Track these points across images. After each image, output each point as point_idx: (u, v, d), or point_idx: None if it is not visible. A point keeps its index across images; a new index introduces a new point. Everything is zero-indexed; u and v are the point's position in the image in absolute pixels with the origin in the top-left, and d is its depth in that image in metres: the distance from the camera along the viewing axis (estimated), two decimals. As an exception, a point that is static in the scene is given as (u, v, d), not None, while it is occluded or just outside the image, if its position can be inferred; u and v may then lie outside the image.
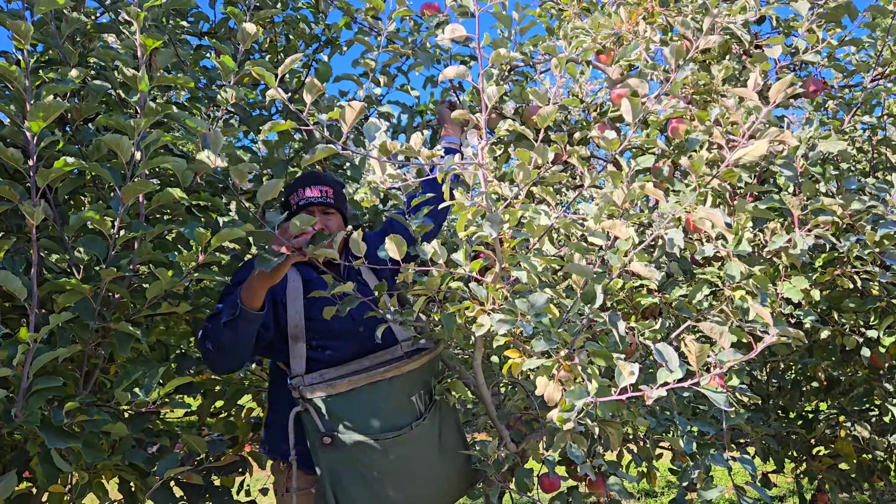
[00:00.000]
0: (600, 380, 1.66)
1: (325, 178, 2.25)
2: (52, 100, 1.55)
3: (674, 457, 2.60)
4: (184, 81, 1.86)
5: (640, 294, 2.33)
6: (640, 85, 1.94)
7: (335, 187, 2.23)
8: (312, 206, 2.17)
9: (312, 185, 2.19)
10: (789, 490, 5.26)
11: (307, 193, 2.18)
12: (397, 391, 2.01)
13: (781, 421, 3.25)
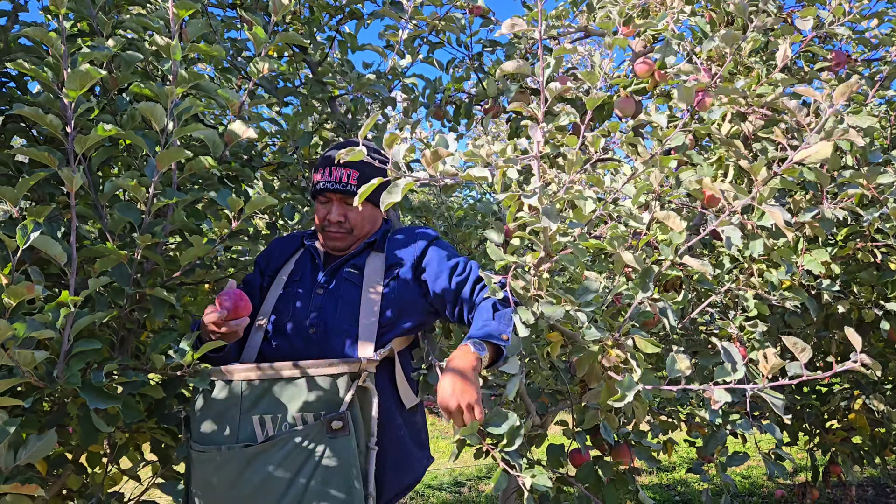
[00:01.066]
0: (645, 365, 1.68)
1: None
2: (90, 67, 1.57)
3: (689, 429, 2.64)
4: (215, 52, 1.88)
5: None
6: (668, 52, 1.94)
7: (363, 168, 1.83)
8: (328, 192, 1.84)
9: (331, 165, 1.83)
10: (802, 465, 5.31)
11: (321, 177, 1.84)
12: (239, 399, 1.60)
13: (795, 394, 3.28)
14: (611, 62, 2.67)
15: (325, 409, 1.56)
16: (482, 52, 2.92)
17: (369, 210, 1.88)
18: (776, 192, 2.25)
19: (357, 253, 1.86)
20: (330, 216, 1.83)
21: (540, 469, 1.70)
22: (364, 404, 1.60)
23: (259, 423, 1.58)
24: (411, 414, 1.83)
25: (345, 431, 1.54)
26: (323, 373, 1.58)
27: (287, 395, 1.57)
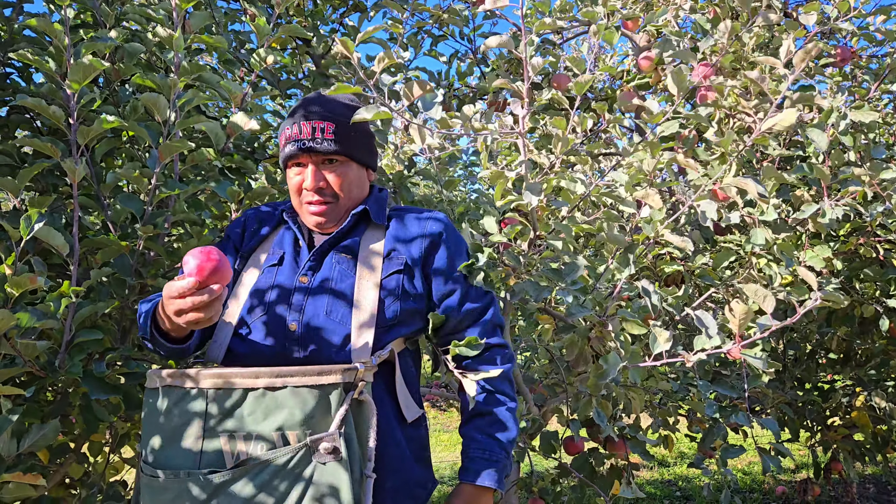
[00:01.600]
0: (632, 346, 1.70)
1: (327, 105, 1.49)
2: (93, 59, 1.58)
3: (690, 424, 2.65)
4: (218, 43, 1.89)
5: (664, 262, 2.35)
6: (666, 48, 1.94)
7: (340, 120, 1.47)
8: (301, 154, 1.47)
9: (303, 118, 1.46)
10: (803, 462, 5.31)
11: (292, 134, 1.47)
12: (204, 412, 1.26)
13: (797, 391, 3.28)
14: (614, 56, 2.66)
15: (312, 428, 1.23)
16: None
17: (355, 172, 1.51)
18: (779, 188, 2.26)
19: (347, 230, 1.51)
20: (306, 184, 1.47)
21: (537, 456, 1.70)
22: (360, 421, 1.28)
23: (228, 443, 1.23)
24: (414, 428, 1.49)
25: (336, 455, 1.22)
26: (311, 382, 1.24)
27: (265, 408, 1.23)
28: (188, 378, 1.27)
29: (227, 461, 1.22)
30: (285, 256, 1.50)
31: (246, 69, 2.31)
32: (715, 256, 2.21)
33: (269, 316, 1.43)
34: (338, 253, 1.48)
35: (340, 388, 1.26)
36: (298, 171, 1.50)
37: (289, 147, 1.48)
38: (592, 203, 2.36)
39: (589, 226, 1.80)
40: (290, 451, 1.21)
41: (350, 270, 1.46)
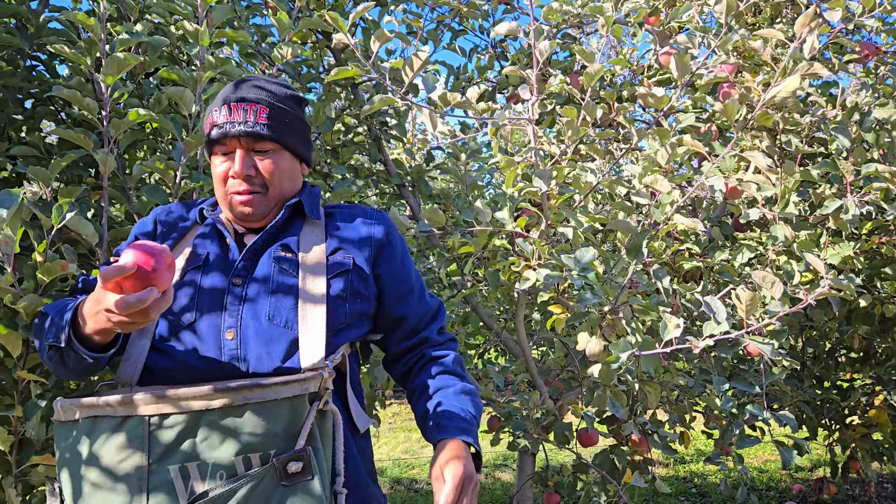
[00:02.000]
0: (644, 335, 1.70)
1: (260, 88, 1.36)
2: (127, 54, 1.61)
3: (707, 420, 2.65)
4: (240, 37, 1.91)
5: (682, 257, 2.35)
6: (690, 41, 1.94)
7: (275, 105, 1.34)
8: (229, 139, 1.32)
9: (233, 101, 1.32)
10: (820, 460, 5.27)
11: (220, 118, 1.32)
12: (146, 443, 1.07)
13: (816, 389, 3.26)
14: (634, 51, 2.65)
15: (276, 447, 1.08)
16: (504, 39, 2.92)
17: (288, 162, 1.37)
18: (799, 185, 2.24)
19: (281, 225, 1.36)
20: (233, 170, 1.31)
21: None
22: (325, 434, 1.15)
23: (180, 476, 1.06)
24: (365, 440, 1.37)
25: (306, 475, 1.08)
26: (276, 395, 1.09)
27: (221, 432, 1.07)
28: (121, 405, 1.07)
29: (180, 498, 1.05)
30: (210, 257, 1.32)
31: (267, 63, 2.33)
32: (734, 253, 2.21)
33: (198, 325, 1.24)
34: (276, 250, 1.31)
35: (306, 400, 1.12)
36: (225, 158, 1.33)
37: (215, 131, 1.32)
38: (609, 196, 2.37)
39: (601, 216, 1.80)
40: (255, 476, 1.06)
41: (292, 269, 1.30)
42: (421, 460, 5.77)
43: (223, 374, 1.20)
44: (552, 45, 1.64)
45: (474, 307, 2.69)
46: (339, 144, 2.65)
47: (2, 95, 1.93)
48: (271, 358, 1.21)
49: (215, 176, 1.34)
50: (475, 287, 2.17)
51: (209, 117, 1.34)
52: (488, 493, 4.85)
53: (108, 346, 1.18)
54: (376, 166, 2.86)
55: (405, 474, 5.38)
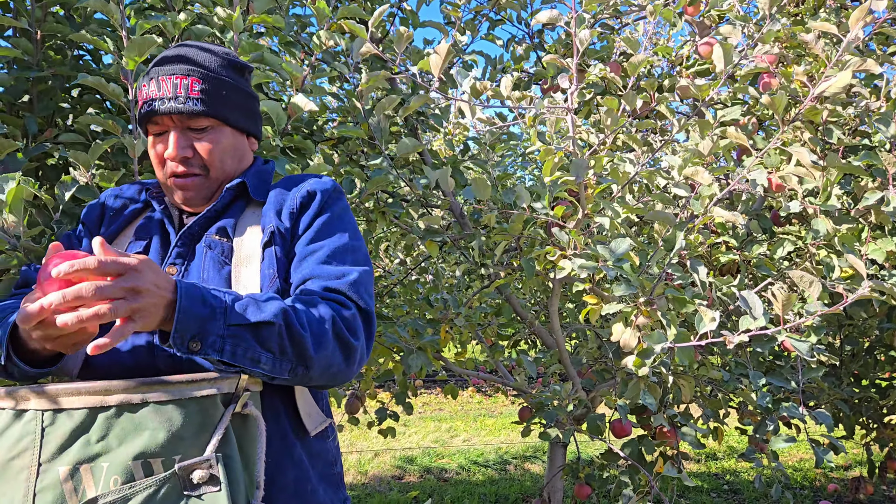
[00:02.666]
0: (679, 327, 1.69)
1: (193, 56, 1.23)
2: (147, 35, 1.63)
3: (741, 416, 2.62)
4: (278, 24, 1.93)
5: (719, 251, 2.32)
6: (732, 32, 1.91)
7: (210, 76, 1.22)
8: (160, 116, 1.20)
9: (163, 73, 1.20)
10: (856, 460, 5.18)
11: (149, 91, 1.20)
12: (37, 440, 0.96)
13: (853, 387, 3.21)
14: (669, 40, 2.62)
15: (183, 452, 0.96)
16: (542, 29, 2.91)
17: (229, 138, 1.25)
18: (841, 178, 2.20)
19: (222, 208, 1.24)
20: (168, 152, 1.20)
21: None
22: (245, 440, 1.03)
23: (70, 479, 0.94)
24: (319, 441, 1.24)
25: (213, 485, 0.96)
26: (180, 395, 0.97)
27: (119, 431, 0.95)
28: (13, 397, 0.98)
29: (69, 501, 0.93)
30: (151, 243, 1.24)
31: (305, 52, 2.36)
32: (772, 247, 2.18)
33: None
34: (210, 236, 1.21)
35: (218, 401, 1.00)
36: (159, 138, 1.23)
37: (144, 108, 1.20)
38: (646, 188, 2.35)
39: (639, 207, 1.79)
40: (154, 483, 0.94)
41: (225, 256, 1.19)
42: (450, 449, 5.80)
43: (153, 371, 1.09)
44: (592, 33, 1.63)
45: (508, 297, 2.70)
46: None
47: (50, 83, 1.98)
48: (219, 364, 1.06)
49: (152, 157, 1.24)
50: (510, 277, 2.17)
51: (139, 92, 1.22)
52: (517, 484, 4.86)
53: (56, 357, 1.08)
54: (412, 156, 2.87)
55: (434, 463, 5.41)
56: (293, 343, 1.01)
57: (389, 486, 4.86)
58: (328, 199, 1.26)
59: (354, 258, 1.20)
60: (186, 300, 0.96)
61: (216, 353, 0.96)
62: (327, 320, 1.05)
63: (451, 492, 4.67)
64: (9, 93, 1.90)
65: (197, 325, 0.95)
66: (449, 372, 2.71)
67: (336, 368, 1.07)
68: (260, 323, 0.99)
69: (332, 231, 1.22)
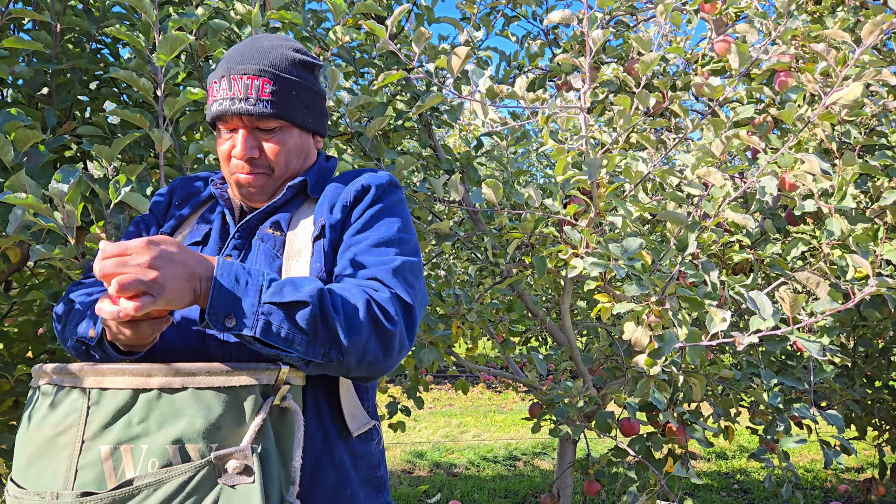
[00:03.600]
0: (690, 327, 1.69)
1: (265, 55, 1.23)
2: (179, 33, 1.65)
3: (752, 416, 2.62)
4: (295, 20, 1.94)
5: (732, 250, 2.32)
6: (749, 31, 1.90)
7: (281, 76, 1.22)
8: (230, 116, 1.21)
9: (235, 71, 1.20)
10: (868, 462, 5.15)
11: (220, 91, 1.22)
12: (83, 418, 0.99)
13: (866, 388, 3.19)
14: (688, 39, 2.62)
15: (220, 441, 0.97)
16: (557, 26, 2.90)
17: (296, 139, 1.26)
18: (857, 178, 2.19)
19: (281, 204, 1.26)
20: (235, 152, 1.22)
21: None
22: (283, 435, 1.03)
23: (110, 458, 0.96)
24: (363, 443, 1.23)
25: (247, 476, 0.97)
26: (219, 383, 0.99)
27: (159, 415, 0.97)
28: (68, 374, 1.01)
29: (108, 481, 0.95)
30: (211, 233, 1.26)
31: (321, 47, 2.37)
32: (785, 247, 2.17)
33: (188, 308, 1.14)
34: (264, 230, 1.23)
35: (256, 393, 1.00)
36: (228, 135, 1.24)
37: (215, 106, 1.21)
38: (660, 186, 2.35)
39: (651, 205, 1.79)
40: (190, 469, 0.95)
41: (277, 250, 1.20)
42: (460, 445, 5.82)
43: (207, 359, 1.08)
44: (605, 33, 1.63)
45: (520, 294, 2.70)
46: (389, 129, 2.68)
47: (69, 77, 2.00)
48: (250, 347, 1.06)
49: (219, 153, 1.25)
50: (522, 274, 2.18)
51: (210, 88, 1.23)
52: (527, 480, 4.87)
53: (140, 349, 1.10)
54: (425, 151, 2.88)
55: (444, 458, 5.43)
56: (326, 325, 1.00)
57: (399, 479, 4.88)
58: (382, 192, 1.25)
59: (400, 249, 1.18)
60: (222, 276, 0.97)
61: (250, 329, 0.96)
62: (361, 305, 1.04)
63: (461, 486, 4.68)
64: (28, 85, 1.92)
65: (231, 301, 0.96)
66: (460, 367, 2.72)
67: (372, 356, 1.05)
68: (294, 302, 0.98)
69: (381, 222, 1.21)
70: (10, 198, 1.24)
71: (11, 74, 1.77)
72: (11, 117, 1.55)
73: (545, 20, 1.63)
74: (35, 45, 1.73)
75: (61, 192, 1.27)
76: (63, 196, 1.29)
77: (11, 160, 1.45)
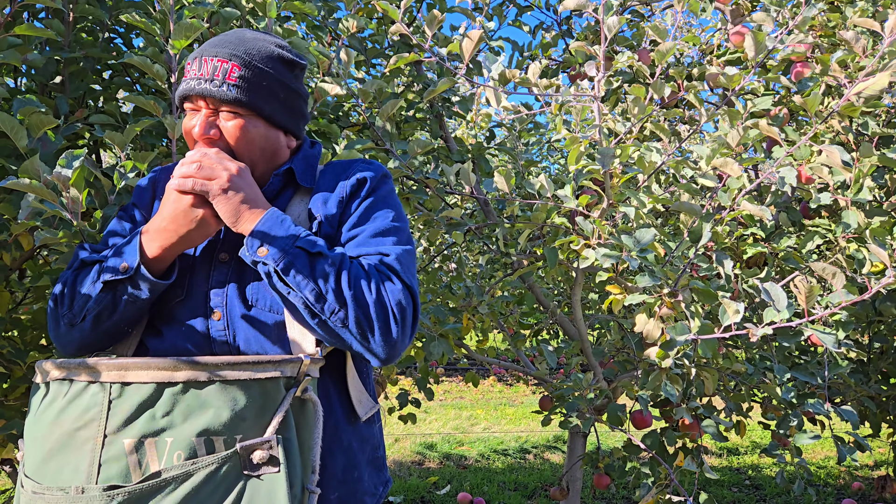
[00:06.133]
0: (703, 320, 1.68)
1: (242, 43, 1.20)
2: (194, 20, 1.65)
3: (765, 411, 2.59)
4: (307, 9, 1.94)
5: (746, 243, 2.29)
6: (765, 19, 1.88)
7: (254, 65, 1.18)
8: (192, 95, 1.19)
9: (207, 54, 1.18)
10: (882, 460, 5.11)
11: (191, 69, 1.19)
12: (104, 412, 0.99)
13: (881, 385, 3.15)
14: (704, 30, 2.59)
15: (244, 433, 0.99)
16: (570, 16, 2.88)
17: (262, 132, 1.21)
18: (875, 170, 2.16)
19: (271, 197, 1.24)
20: (195, 131, 1.18)
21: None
22: (303, 425, 1.05)
23: (134, 451, 0.97)
24: (367, 426, 1.27)
25: (272, 466, 0.98)
26: (246, 376, 1.00)
27: (185, 408, 0.98)
28: (85, 369, 1.01)
29: (133, 475, 0.96)
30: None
31: (333, 37, 2.36)
32: (800, 240, 2.14)
33: (187, 303, 1.18)
34: None
35: (281, 385, 1.03)
36: (192, 115, 1.21)
37: (182, 86, 1.19)
38: (674, 178, 2.32)
39: (664, 197, 1.77)
40: (216, 461, 0.96)
41: None
42: (470, 437, 5.82)
43: (209, 355, 1.10)
44: (620, 20, 1.61)
45: (530, 286, 2.69)
46: (400, 120, 2.67)
47: (82, 65, 2.01)
48: (259, 342, 1.14)
49: (185, 136, 1.23)
50: (533, 266, 2.16)
51: (186, 67, 1.21)
52: (537, 473, 4.86)
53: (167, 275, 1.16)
54: (437, 142, 2.87)
55: (455, 450, 5.44)
56: (336, 285, 1.05)
57: (409, 471, 4.89)
58: (376, 184, 1.26)
59: (397, 238, 1.20)
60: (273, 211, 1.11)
61: (275, 262, 1.05)
62: (373, 285, 1.09)
63: (471, 479, 4.69)
64: (41, 73, 1.93)
65: (272, 232, 1.08)
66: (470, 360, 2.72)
67: (378, 335, 1.07)
68: (320, 254, 1.07)
69: (376, 214, 1.22)
70: (13, 183, 1.24)
71: (24, 62, 1.77)
72: (26, 103, 1.55)
73: (559, 8, 1.61)
74: (48, 33, 1.73)
75: (65, 177, 1.27)
76: (67, 181, 1.29)
77: (25, 146, 1.45)
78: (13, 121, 1.42)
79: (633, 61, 1.71)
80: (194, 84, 1.17)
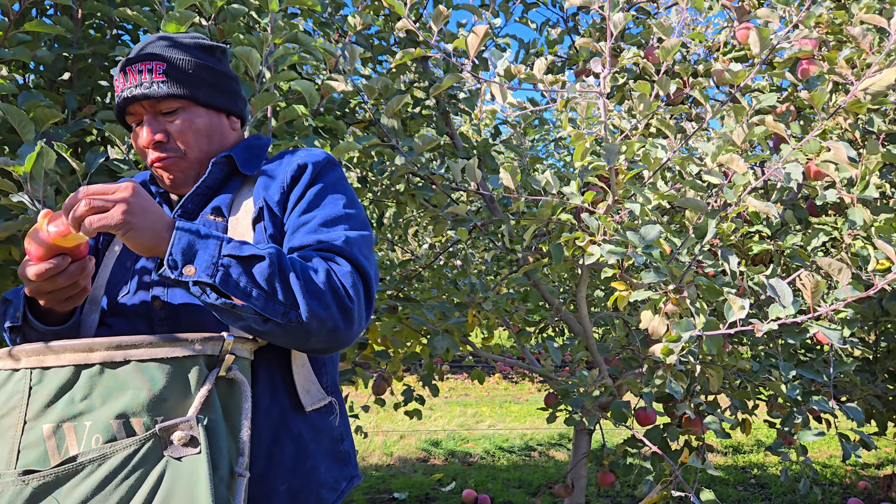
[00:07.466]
0: (708, 316, 1.68)
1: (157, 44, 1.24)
2: (183, 11, 1.65)
3: (770, 409, 2.59)
4: (314, 6, 1.94)
5: (752, 240, 2.29)
6: (771, 16, 1.87)
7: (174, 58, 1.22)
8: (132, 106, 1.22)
9: (129, 64, 1.21)
10: (888, 458, 5.09)
11: (118, 84, 1.22)
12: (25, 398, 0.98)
13: (888, 383, 3.15)
14: (709, 27, 2.58)
15: (165, 414, 0.97)
16: (577, 13, 2.88)
17: (204, 118, 1.24)
18: (881, 167, 2.15)
19: (214, 184, 1.25)
20: (142, 140, 1.21)
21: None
22: (230, 406, 1.03)
23: (52, 436, 0.95)
24: (321, 417, 1.23)
25: (193, 447, 0.96)
26: (162, 355, 0.98)
27: (103, 390, 0.96)
28: (7, 357, 1.00)
29: (52, 460, 0.94)
30: None
31: (339, 33, 2.37)
32: (806, 237, 2.14)
33: (134, 297, 1.20)
34: (205, 216, 1.22)
35: (201, 363, 1.00)
36: (138, 128, 1.23)
37: (117, 101, 1.22)
38: (679, 175, 2.32)
39: (670, 194, 1.77)
40: (134, 443, 0.94)
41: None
42: (475, 434, 5.83)
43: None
44: (626, 17, 1.61)
45: (536, 283, 2.69)
46: (406, 117, 2.67)
47: (90, 62, 2.02)
48: (203, 328, 1.12)
49: (136, 148, 1.25)
50: (538, 262, 2.17)
51: (115, 88, 1.23)
52: (541, 470, 4.87)
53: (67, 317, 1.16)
54: (443, 139, 2.88)
55: (459, 447, 5.45)
56: (283, 284, 1.00)
57: (414, 467, 4.90)
58: (320, 169, 1.24)
59: (350, 224, 1.18)
60: (183, 226, 1.00)
61: (210, 278, 0.97)
62: (321, 271, 1.05)
63: (475, 476, 4.69)
64: (49, 70, 1.94)
65: (191, 249, 0.98)
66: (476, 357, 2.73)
67: (332, 324, 1.04)
68: (253, 256, 1.00)
69: (325, 200, 1.20)
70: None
71: (33, 59, 1.78)
72: (31, 96, 1.56)
73: (566, 5, 1.61)
74: (57, 30, 1.74)
75: (16, 164, 1.28)
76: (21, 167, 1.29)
77: (31, 140, 1.47)
78: (22, 114, 1.43)
79: (638, 58, 1.71)
80: (127, 94, 1.19)
